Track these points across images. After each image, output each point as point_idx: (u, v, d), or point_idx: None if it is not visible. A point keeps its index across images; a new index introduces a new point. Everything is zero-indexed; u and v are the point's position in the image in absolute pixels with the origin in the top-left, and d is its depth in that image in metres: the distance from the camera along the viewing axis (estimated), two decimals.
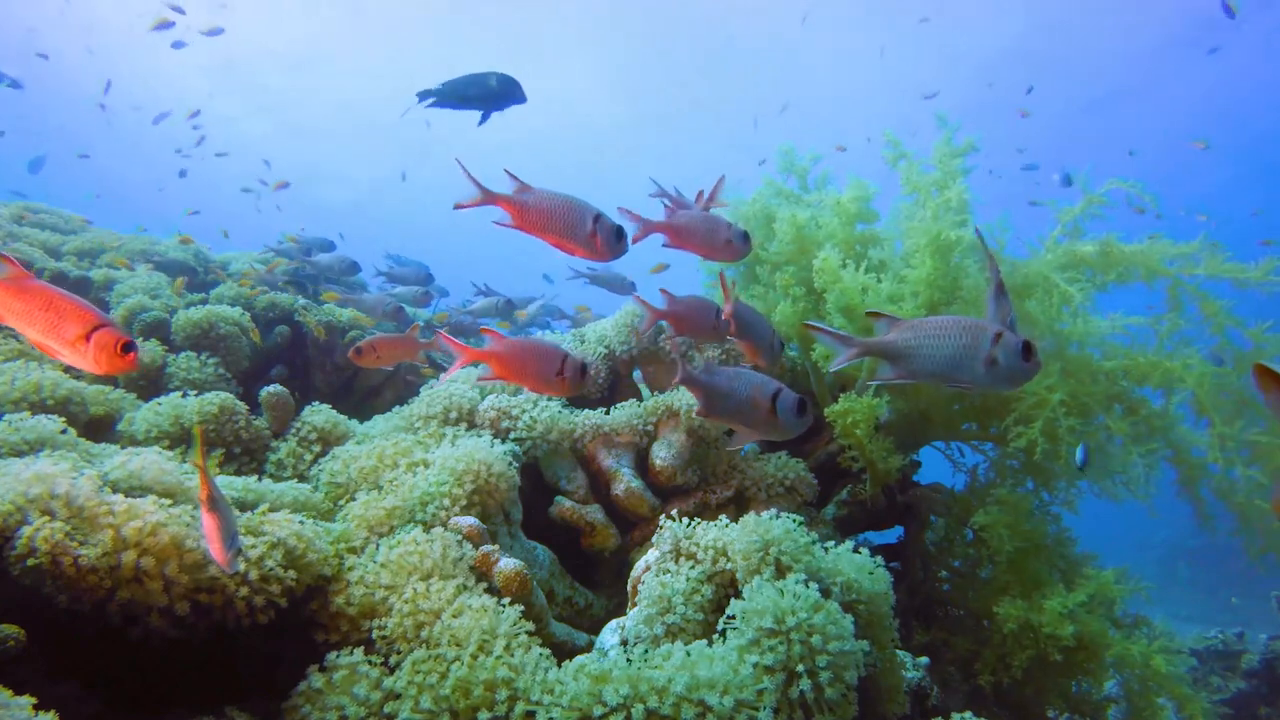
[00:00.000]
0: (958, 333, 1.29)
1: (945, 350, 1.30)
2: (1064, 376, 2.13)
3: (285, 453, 2.24)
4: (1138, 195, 2.20)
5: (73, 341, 1.16)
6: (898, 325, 1.42)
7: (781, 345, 2.09)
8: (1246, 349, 2.10)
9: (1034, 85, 10.45)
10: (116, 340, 1.17)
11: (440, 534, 1.61)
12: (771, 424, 1.64)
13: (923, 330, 1.36)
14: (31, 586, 1.24)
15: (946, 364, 1.31)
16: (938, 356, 1.32)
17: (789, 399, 1.62)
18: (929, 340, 1.33)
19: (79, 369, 1.26)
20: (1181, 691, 2.04)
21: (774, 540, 1.51)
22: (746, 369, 1.77)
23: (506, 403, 2.29)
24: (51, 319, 1.17)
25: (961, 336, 1.28)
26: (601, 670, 1.31)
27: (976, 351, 1.26)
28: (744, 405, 1.63)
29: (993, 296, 1.55)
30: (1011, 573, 2.20)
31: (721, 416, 1.71)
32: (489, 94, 2.63)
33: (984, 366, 1.25)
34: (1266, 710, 4.63)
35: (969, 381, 1.32)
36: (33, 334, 1.18)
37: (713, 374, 1.71)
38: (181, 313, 2.74)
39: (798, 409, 1.62)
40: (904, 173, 2.49)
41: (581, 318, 4.69)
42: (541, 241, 1.60)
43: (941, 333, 1.32)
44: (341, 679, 1.34)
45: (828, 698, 1.28)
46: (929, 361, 1.33)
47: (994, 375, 1.27)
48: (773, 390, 1.63)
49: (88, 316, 1.18)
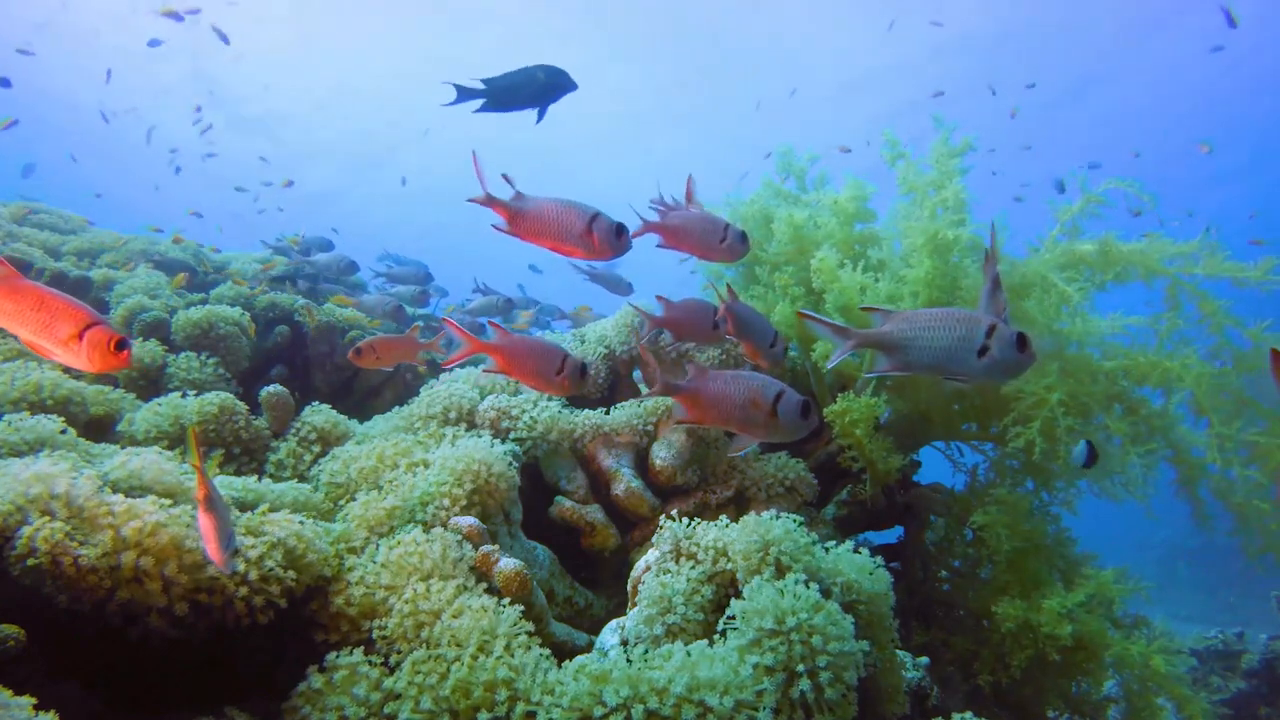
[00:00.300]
0: (952, 324, 1.30)
1: (940, 341, 1.30)
2: (1063, 376, 2.13)
3: (285, 453, 2.24)
4: (1135, 195, 2.20)
5: (65, 341, 1.15)
6: (893, 318, 1.42)
7: (785, 346, 2.07)
8: (1245, 348, 2.10)
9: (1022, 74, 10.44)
10: (109, 338, 1.17)
11: (440, 534, 1.61)
12: (773, 427, 1.59)
13: (917, 321, 1.36)
14: (31, 586, 1.24)
15: (942, 355, 1.31)
16: (933, 348, 1.32)
17: (792, 401, 1.57)
18: (924, 331, 1.33)
19: (76, 369, 1.26)
20: (1181, 692, 2.04)
21: (774, 540, 1.51)
22: (747, 371, 1.74)
23: (506, 403, 2.29)
24: (43, 319, 1.16)
25: (956, 328, 1.28)
26: (601, 670, 1.31)
27: (970, 342, 1.26)
28: (741, 410, 1.58)
29: (988, 292, 1.54)
30: (1011, 573, 2.20)
31: (715, 423, 1.65)
32: (540, 89, 2.47)
33: (978, 357, 1.26)
34: (1266, 710, 4.63)
35: (964, 373, 1.32)
36: (25, 334, 1.17)
37: (706, 379, 1.64)
38: (181, 313, 2.74)
39: (801, 411, 1.57)
40: (901, 172, 2.50)
41: (582, 317, 4.70)
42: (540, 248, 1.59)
43: (936, 324, 1.32)
44: (341, 679, 1.34)
45: (828, 698, 1.28)
46: (924, 353, 1.34)
47: (988, 367, 1.28)
48: (774, 392, 1.57)
49: (79, 315, 1.17)
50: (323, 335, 3.16)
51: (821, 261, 2.30)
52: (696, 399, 1.62)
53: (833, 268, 2.28)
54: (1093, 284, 2.17)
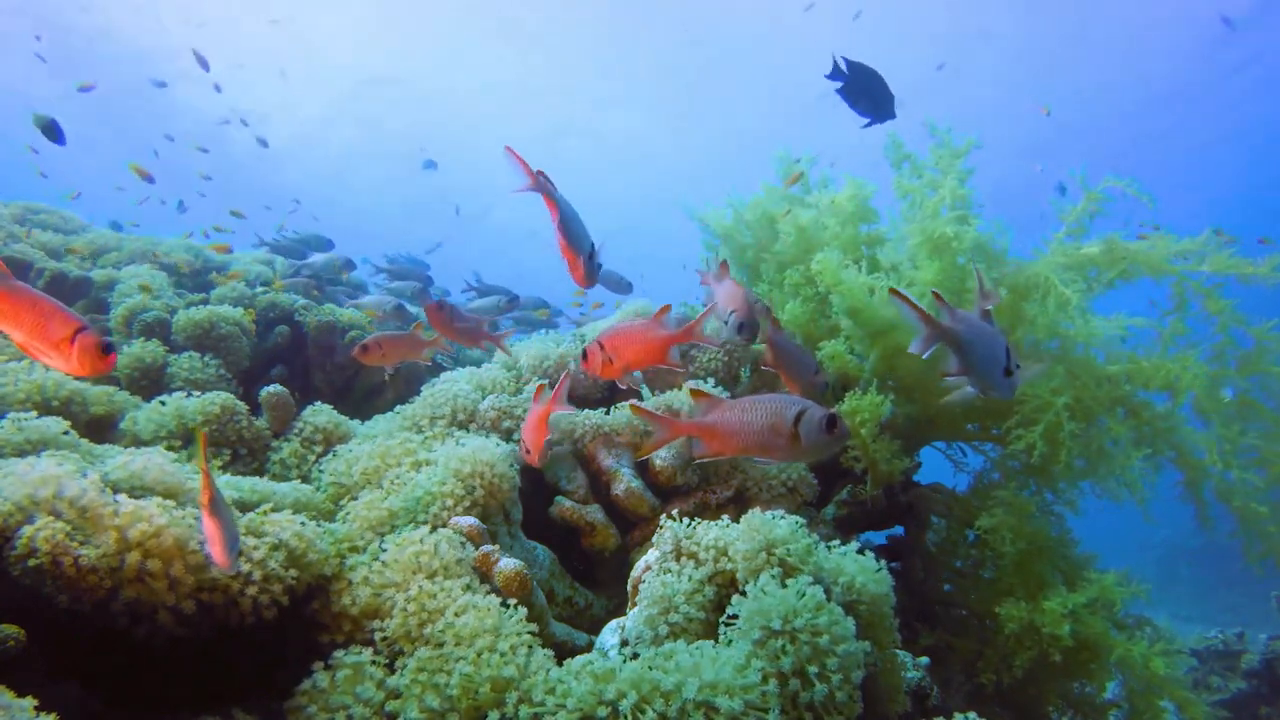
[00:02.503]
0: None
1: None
2: (1069, 380, 2.11)
3: (288, 453, 2.24)
4: (1134, 195, 2.19)
5: (58, 343, 1.20)
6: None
7: (826, 384, 1.94)
8: (1247, 346, 2.09)
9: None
10: (98, 343, 1.21)
11: (442, 534, 1.61)
12: (798, 449, 1.45)
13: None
14: (32, 586, 1.24)
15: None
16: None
17: (813, 418, 1.42)
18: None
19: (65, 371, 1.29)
20: (1182, 694, 2.04)
21: (775, 541, 1.51)
22: (761, 395, 1.58)
23: (507, 402, 2.29)
24: (38, 321, 1.20)
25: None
26: (605, 670, 1.30)
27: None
28: (762, 435, 1.46)
29: (977, 311, 1.61)
30: (1016, 575, 2.20)
31: (738, 453, 1.54)
32: (882, 101, 2.40)
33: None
34: (1266, 710, 4.63)
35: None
36: (19, 336, 1.20)
37: (721, 410, 1.53)
38: (182, 313, 2.74)
39: (826, 426, 1.42)
40: (901, 172, 2.49)
41: (582, 316, 4.69)
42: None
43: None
44: (345, 678, 1.34)
45: (837, 699, 1.28)
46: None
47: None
48: (794, 413, 1.43)
49: (72, 320, 1.22)
50: (323, 335, 3.16)
51: (822, 263, 2.29)
52: (715, 432, 1.52)
53: (834, 270, 2.27)
54: (1100, 283, 2.16)
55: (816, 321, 2.52)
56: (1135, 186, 2.17)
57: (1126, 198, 2.21)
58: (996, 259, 2.31)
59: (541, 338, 2.70)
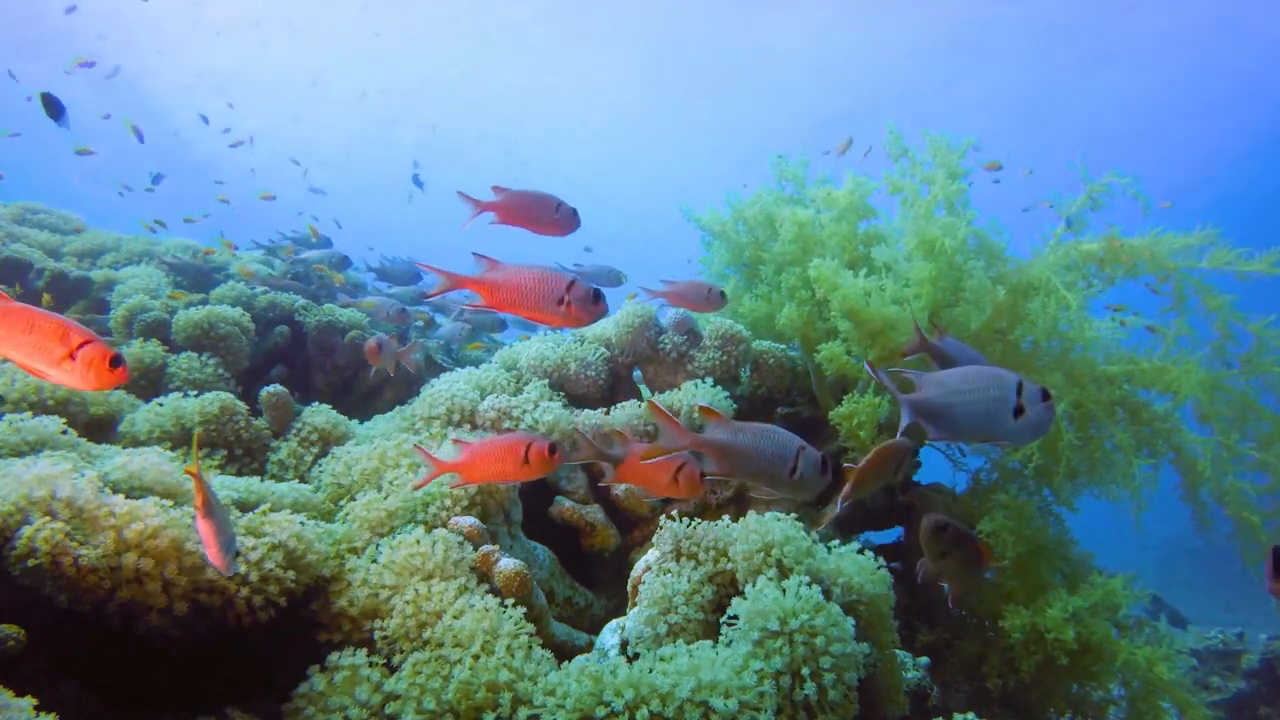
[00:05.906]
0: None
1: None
2: (1068, 384, 2.11)
3: (286, 453, 2.24)
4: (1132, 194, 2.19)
5: (58, 361, 1.12)
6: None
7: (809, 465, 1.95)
8: (1245, 344, 2.09)
9: None
10: (104, 355, 1.13)
11: (442, 534, 1.61)
12: (794, 484, 1.54)
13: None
14: (32, 587, 1.24)
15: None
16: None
17: (810, 456, 1.53)
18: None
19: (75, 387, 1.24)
20: (1183, 697, 2.04)
21: (775, 541, 1.51)
22: (768, 425, 1.63)
23: (507, 403, 2.28)
24: (35, 341, 1.12)
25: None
26: (604, 672, 1.30)
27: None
28: (769, 464, 1.54)
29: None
30: (1017, 577, 2.20)
31: (743, 476, 1.60)
32: None
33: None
34: (1266, 710, 4.63)
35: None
36: (18, 358, 1.13)
37: (734, 432, 1.57)
38: (182, 313, 2.74)
39: (820, 467, 1.53)
40: (900, 171, 2.48)
41: None
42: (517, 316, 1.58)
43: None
44: (343, 680, 1.34)
45: (830, 699, 1.28)
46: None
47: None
48: (795, 449, 1.52)
49: (70, 335, 1.13)
50: (323, 335, 3.16)
51: (818, 270, 2.28)
52: (726, 452, 1.56)
53: (830, 275, 2.26)
54: (1101, 280, 2.16)
55: (814, 324, 2.52)
56: (1135, 188, 2.17)
57: (1127, 197, 2.21)
58: (996, 255, 2.31)
59: (541, 338, 2.70)
